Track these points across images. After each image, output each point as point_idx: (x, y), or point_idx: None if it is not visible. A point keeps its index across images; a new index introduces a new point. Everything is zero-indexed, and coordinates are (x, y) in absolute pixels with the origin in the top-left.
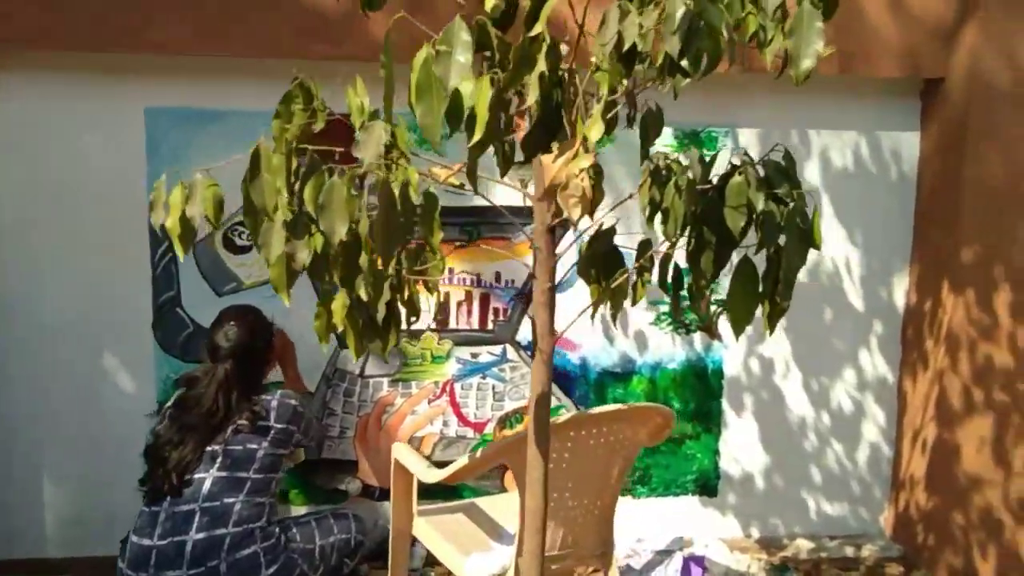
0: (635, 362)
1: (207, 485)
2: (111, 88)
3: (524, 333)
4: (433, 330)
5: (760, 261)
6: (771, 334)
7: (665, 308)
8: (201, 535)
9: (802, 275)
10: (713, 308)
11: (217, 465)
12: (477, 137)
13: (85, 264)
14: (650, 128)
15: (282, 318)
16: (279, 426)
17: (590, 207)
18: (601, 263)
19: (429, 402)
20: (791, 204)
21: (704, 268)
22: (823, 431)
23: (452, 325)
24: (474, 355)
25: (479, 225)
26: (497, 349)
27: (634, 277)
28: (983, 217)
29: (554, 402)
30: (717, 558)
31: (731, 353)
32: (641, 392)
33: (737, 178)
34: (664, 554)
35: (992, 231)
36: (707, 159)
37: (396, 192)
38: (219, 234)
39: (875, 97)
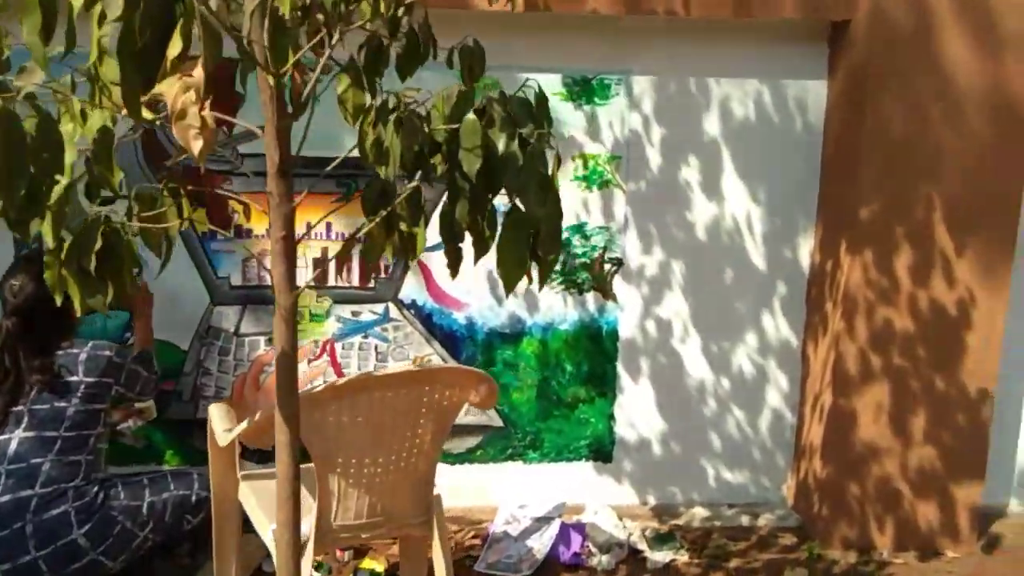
0: (525, 323)
1: (12, 447)
2: None
3: (407, 291)
4: (310, 287)
5: None
6: (540, 290)
7: (557, 266)
8: (6, 497)
9: (701, 233)
10: (607, 267)
11: (23, 426)
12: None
13: None
14: (466, 65)
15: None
16: (89, 380)
17: (212, 139)
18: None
19: (309, 362)
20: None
21: (459, 217)
22: (724, 397)
23: (331, 283)
24: (355, 313)
25: (357, 178)
26: (379, 307)
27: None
28: (883, 171)
29: (439, 362)
30: (602, 525)
31: (626, 315)
32: (532, 353)
33: (470, 116)
34: (543, 521)
35: (892, 186)
36: (461, 93)
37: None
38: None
39: (780, 42)
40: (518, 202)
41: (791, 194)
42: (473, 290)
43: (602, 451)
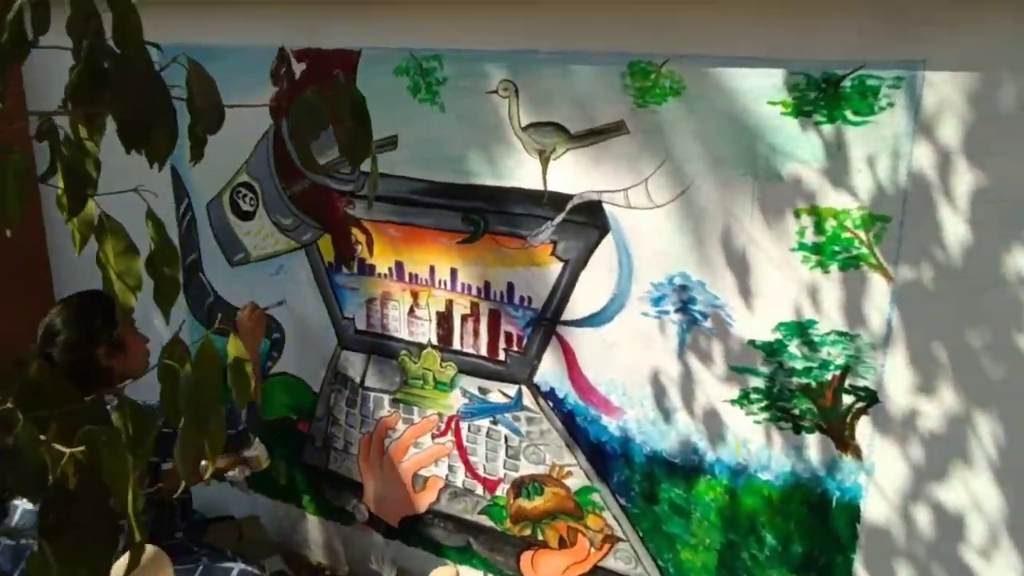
0: (703, 455)
1: (14, 518)
2: None
3: (544, 374)
4: (434, 346)
5: None
6: None
7: (758, 382)
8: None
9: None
10: (847, 400)
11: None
12: None
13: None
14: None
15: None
16: None
17: None
18: None
19: (433, 437)
20: None
21: None
22: None
23: (456, 345)
24: (483, 390)
25: (487, 214)
26: (511, 390)
27: None
28: None
29: (582, 479)
30: None
31: (878, 483)
32: (712, 503)
33: None
34: None
35: None
36: None
37: None
38: (226, 195)
39: None
40: None
41: None
42: (630, 391)
43: None
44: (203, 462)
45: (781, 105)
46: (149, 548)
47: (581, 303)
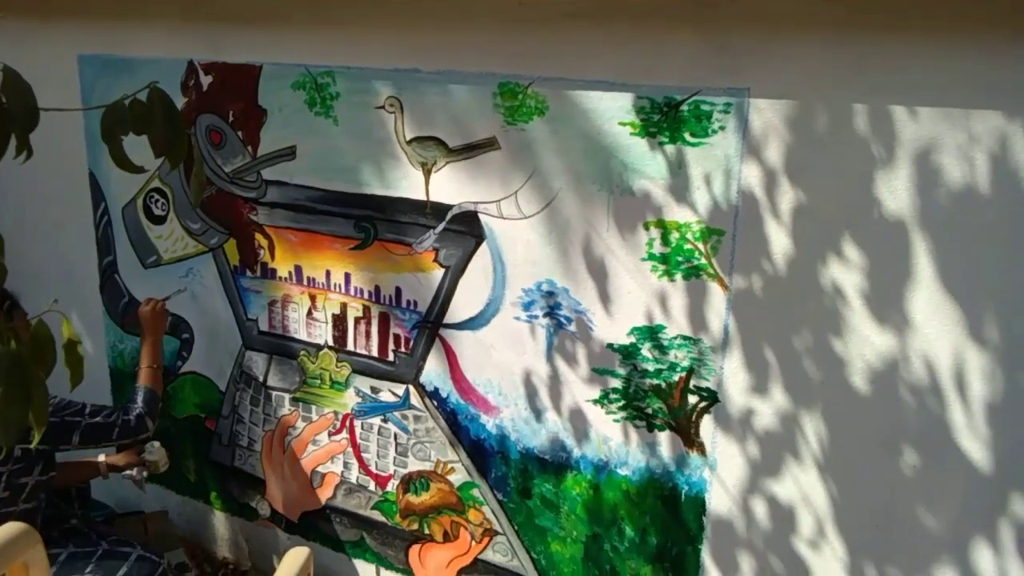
0: (571, 452)
1: None
2: (45, 35)
3: (429, 375)
4: (330, 347)
5: None
6: None
7: (616, 383)
8: None
9: (859, 379)
10: (692, 400)
11: None
12: None
13: (36, 218)
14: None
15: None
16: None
17: None
18: None
19: (330, 435)
20: None
21: None
22: None
23: (350, 346)
24: (374, 390)
25: (377, 222)
26: (400, 389)
27: None
28: None
29: (464, 475)
30: None
31: (721, 478)
32: (578, 497)
33: None
34: None
35: None
36: None
37: None
38: (140, 200)
39: None
40: None
41: None
42: (505, 390)
43: None
44: (101, 457)
45: (630, 126)
46: (16, 524)
47: (461, 307)
